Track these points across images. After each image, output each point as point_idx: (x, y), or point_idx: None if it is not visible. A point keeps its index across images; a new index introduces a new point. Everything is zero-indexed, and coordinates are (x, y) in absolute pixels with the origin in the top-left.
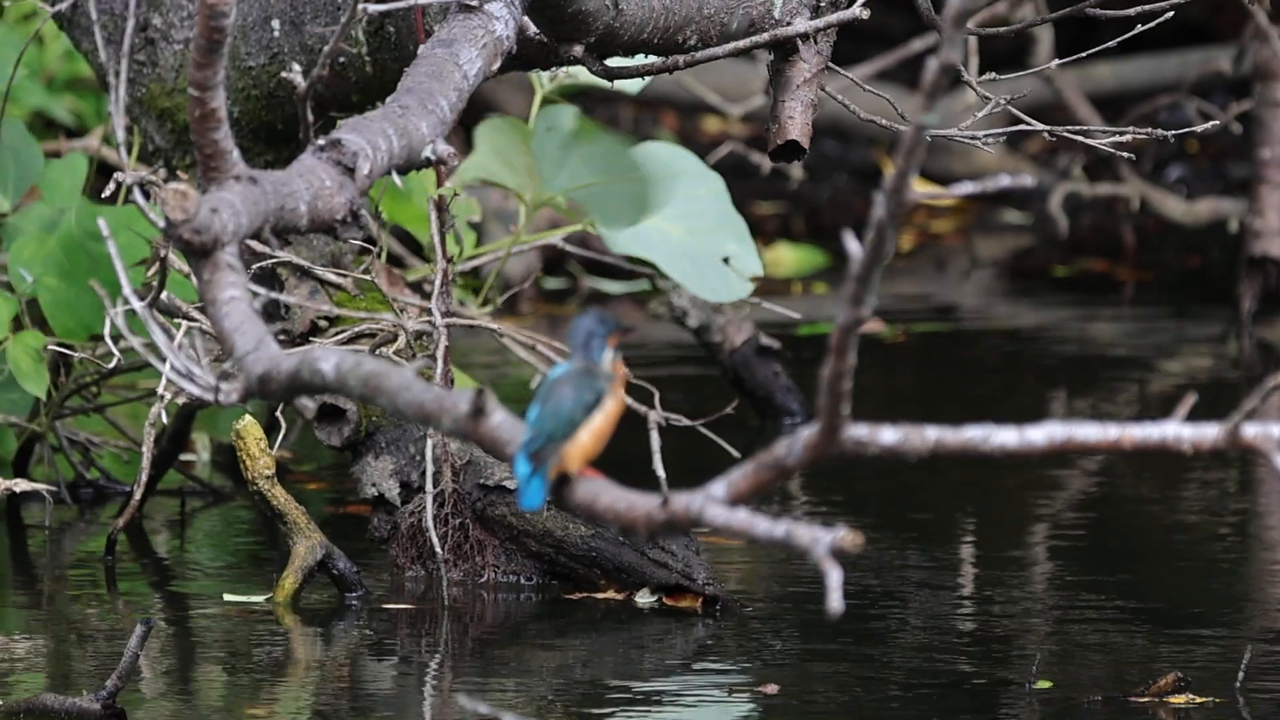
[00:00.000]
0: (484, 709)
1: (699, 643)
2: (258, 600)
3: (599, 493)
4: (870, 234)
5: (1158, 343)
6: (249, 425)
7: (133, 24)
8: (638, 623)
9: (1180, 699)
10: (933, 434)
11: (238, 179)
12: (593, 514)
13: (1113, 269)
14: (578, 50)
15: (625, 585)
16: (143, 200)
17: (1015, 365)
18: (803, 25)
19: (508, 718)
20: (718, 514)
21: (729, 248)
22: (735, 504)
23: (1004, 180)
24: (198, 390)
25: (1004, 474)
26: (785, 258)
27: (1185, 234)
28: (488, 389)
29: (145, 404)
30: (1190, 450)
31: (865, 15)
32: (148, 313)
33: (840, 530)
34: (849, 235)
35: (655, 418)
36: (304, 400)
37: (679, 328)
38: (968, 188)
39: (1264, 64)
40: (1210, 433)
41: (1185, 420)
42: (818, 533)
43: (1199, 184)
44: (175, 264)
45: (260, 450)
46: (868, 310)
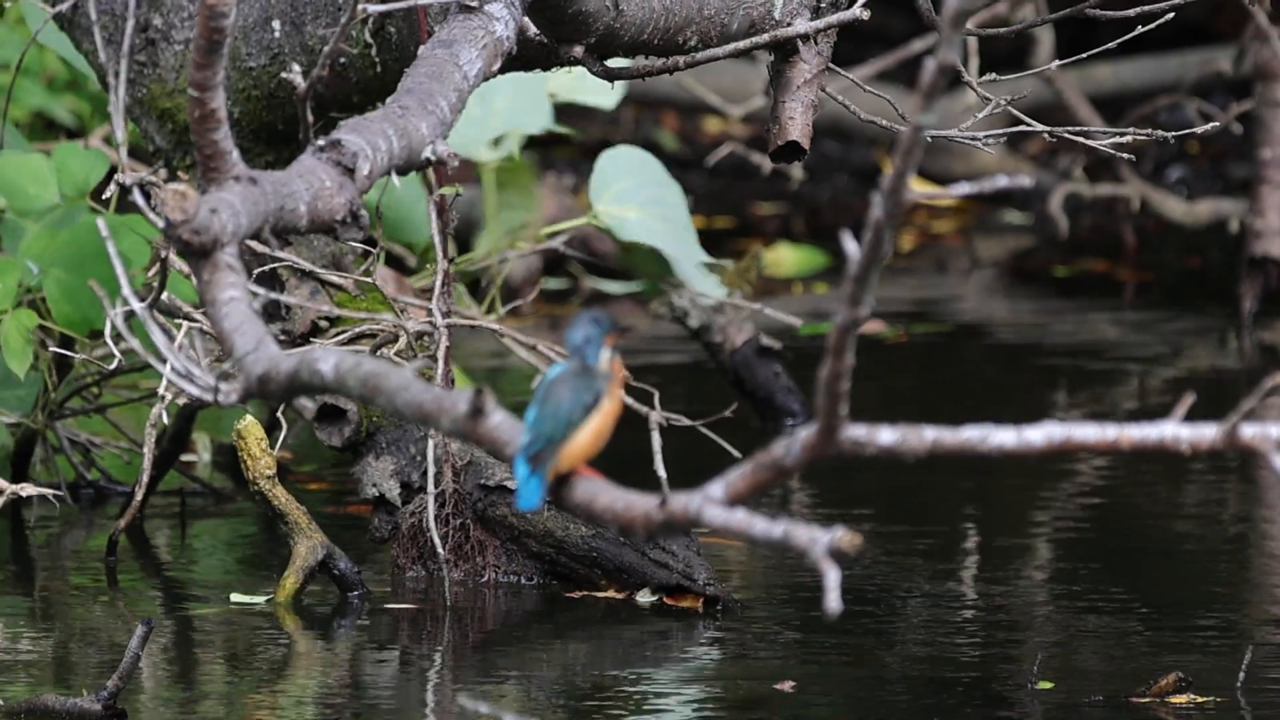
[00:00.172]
0: (485, 709)
1: (700, 643)
2: (259, 600)
3: (597, 493)
4: (868, 234)
5: (1158, 343)
6: (250, 426)
7: (132, 24)
8: (638, 623)
9: (1181, 699)
10: (931, 434)
11: (237, 179)
12: (591, 514)
13: (1113, 269)
14: (578, 51)
15: (626, 585)
16: (143, 201)
17: (1015, 365)
18: (803, 26)
19: (508, 718)
20: (716, 514)
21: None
22: (733, 504)
23: (1002, 181)
24: (197, 391)
25: (1005, 473)
26: (786, 258)
27: (1185, 234)
28: (487, 389)
29: (146, 405)
30: (1188, 451)
31: (865, 16)
32: (148, 313)
33: (838, 530)
34: (847, 236)
35: (656, 418)
36: (304, 401)
37: (680, 328)
38: (966, 188)
39: (1264, 64)
40: (1208, 433)
41: (1184, 421)
42: (815, 533)
43: (1199, 184)
44: (175, 265)
45: (261, 450)
46: (866, 310)
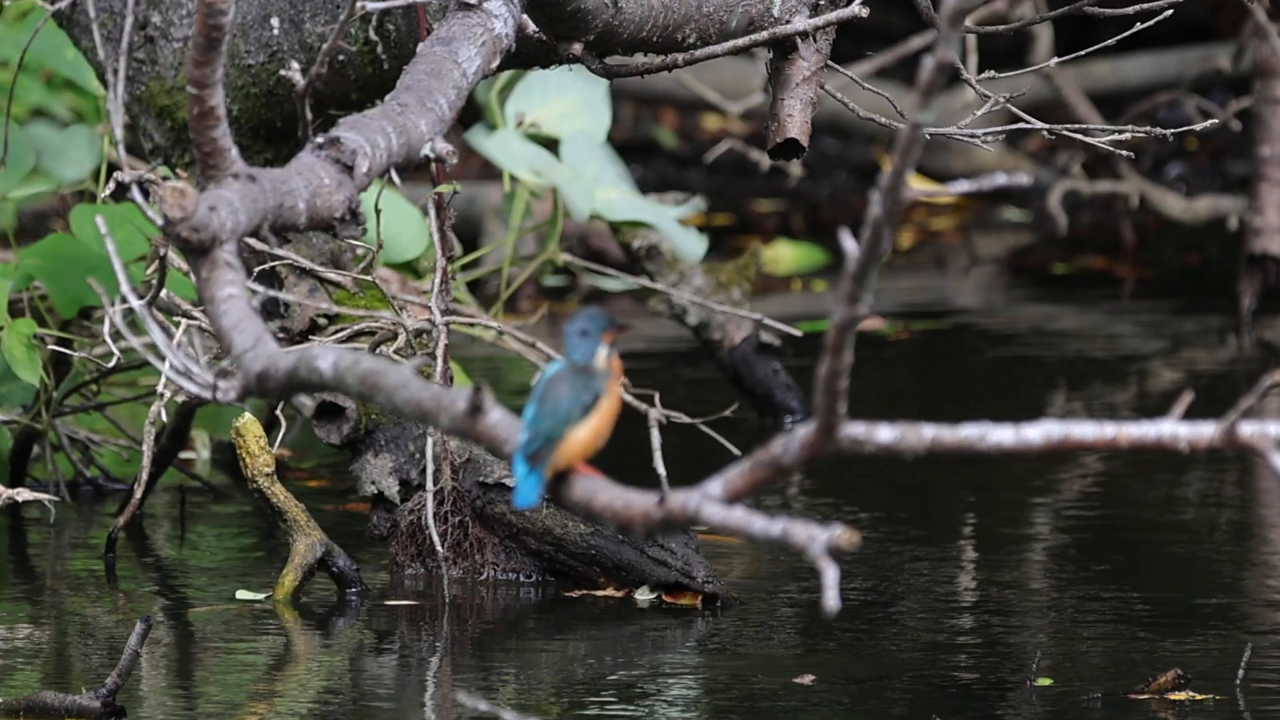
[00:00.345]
0: (484, 706)
1: (698, 640)
2: (257, 598)
3: (596, 491)
4: (866, 232)
5: (1157, 340)
6: (249, 423)
7: (131, 21)
8: (637, 620)
9: (1180, 696)
10: (929, 432)
11: (236, 177)
12: (590, 512)
13: (1112, 266)
14: (576, 48)
15: (625, 583)
16: (141, 198)
17: (1014, 363)
18: (802, 23)
19: (507, 715)
20: (714, 512)
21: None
22: (732, 502)
23: (1001, 179)
24: (196, 388)
25: (1004, 471)
26: (785, 255)
27: (1184, 231)
28: (485, 387)
29: (144, 404)
30: (1187, 449)
31: (864, 13)
32: (146, 311)
33: (836, 528)
34: (845, 233)
35: (655, 416)
36: (303, 398)
37: (678, 325)
38: (964, 186)
39: (1263, 61)
40: (1207, 431)
41: (1183, 419)
42: (814, 531)
43: (1198, 181)
44: (175, 262)
45: (260, 448)
46: (864, 308)
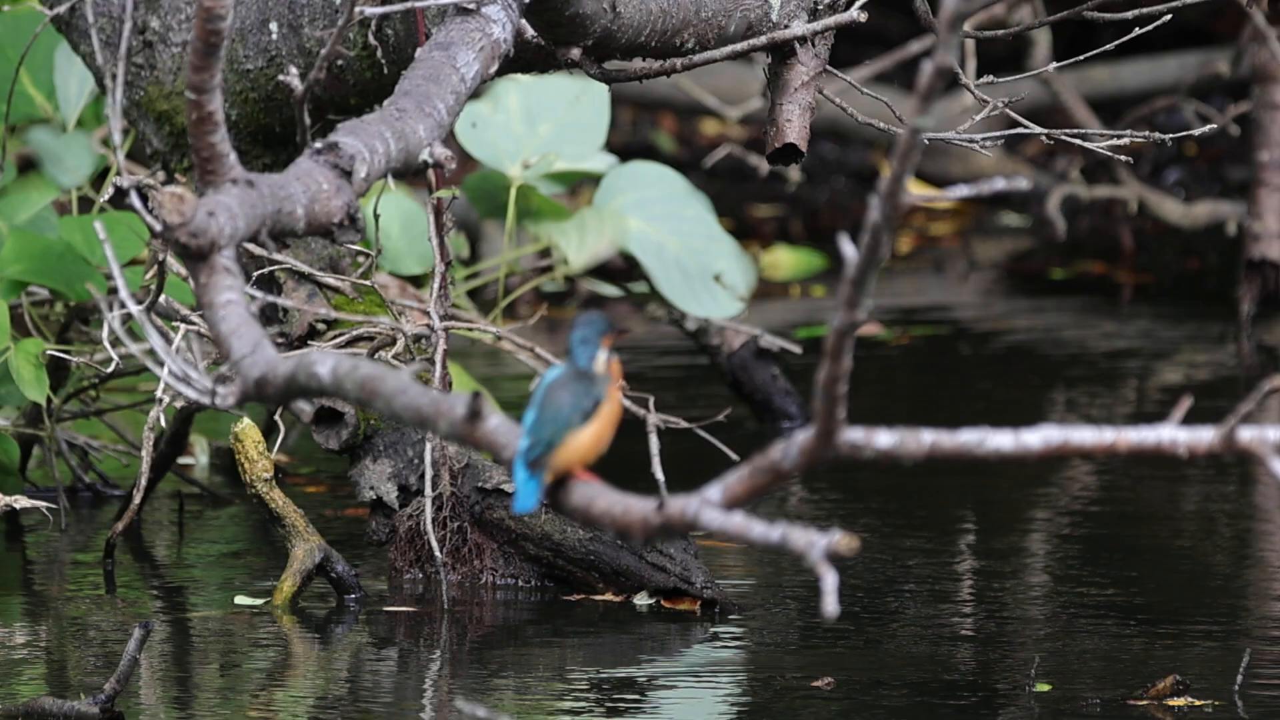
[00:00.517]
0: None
1: (697, 645)
2: (256, 603)
3: (595, 496)
4: (865, 237)
5: (1156, 345)
6: (247, 428)
7: (129, 27)
8: (636, 626)
9: (1179, 701)
10: (928, 438)
11: (235, 182)
12: (589, 517)
13: (1111, 271)
14: (575, 53)
15: (623, 588)
16: (140, 203)
17: (1013, 368)
18: (800, 28)
19: None
20: (713, 518)
21: (719, 264)
22: (730, 507)
23: (999, 184)
24: (194, 394)
25: (1004, 475)
26: (783, 260)
27: (1183, 237)
28: (484, 392)
29: (143, 410)
30: (1186, 454)
31: (863, 18)
32: (144, 317)
33: (835, 534)
34: (844, 239)
35: (654, 421)
36: (302, 404)
37: (677, 330)
38: (963, 191)
39: (1262, 66)
40: (1206, 436)
41: (1182, 423)
42: (813, 536)
43: (1197, 186)
44: (174, 267)
45: (259, 453)
46: (863, 314)
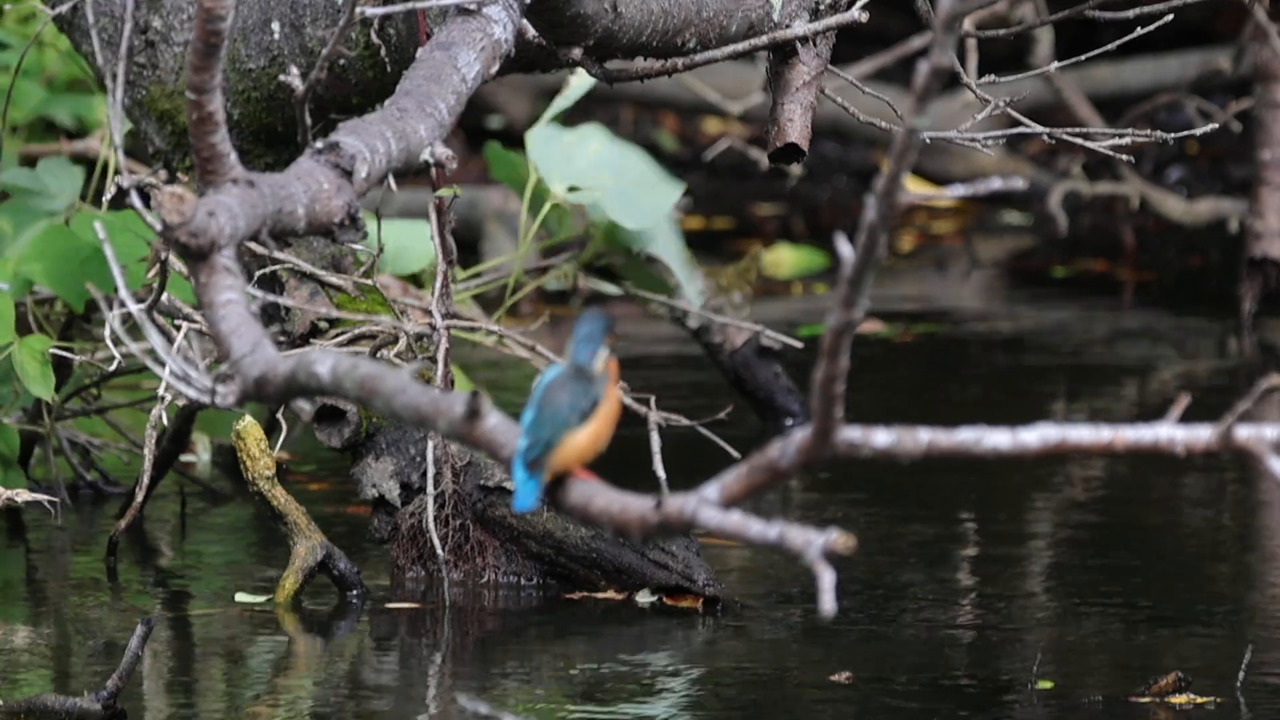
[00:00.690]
0: (484, 709)
1: (699, 643)
2: (258, 601)
3: (593, 495)
4: (862, 237)
5: (1157, 344)
6: (249, 426)
7: (130, 27)
8: (638, 623)
9: (1181, 699)
10: (926, 436)
11: (235, 182)
12: (587, 516)
13: (1112, 269)
14: (576, 53)
15: (625, 586)
16: (140, 203)
17: (1014, 366)
18: (801, 28)
19: (508, 718)
20: (711, 516)
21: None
22: (728, 506)
23: (996, 183)
24: (194, 393)
25: (1005, 473)
26: (785, 259)
27: (1185, 234)
28: (482, 391)
29: (143, 410)
30: (1183, 453)
31: (864, 18)
32: (144, 316)
33: (832, 533)
34: (841, 238)
35: (655, 419)
36: (303, 402)
37: (679, 328)
38: (961, 190)
39: (1264, 64)
40: (1203, 435)
41: (1180, 422)
42: (810, 535)
43: (1199, 184)
44: (175, 266)
45: (261, 451)
46: (860, 312)
